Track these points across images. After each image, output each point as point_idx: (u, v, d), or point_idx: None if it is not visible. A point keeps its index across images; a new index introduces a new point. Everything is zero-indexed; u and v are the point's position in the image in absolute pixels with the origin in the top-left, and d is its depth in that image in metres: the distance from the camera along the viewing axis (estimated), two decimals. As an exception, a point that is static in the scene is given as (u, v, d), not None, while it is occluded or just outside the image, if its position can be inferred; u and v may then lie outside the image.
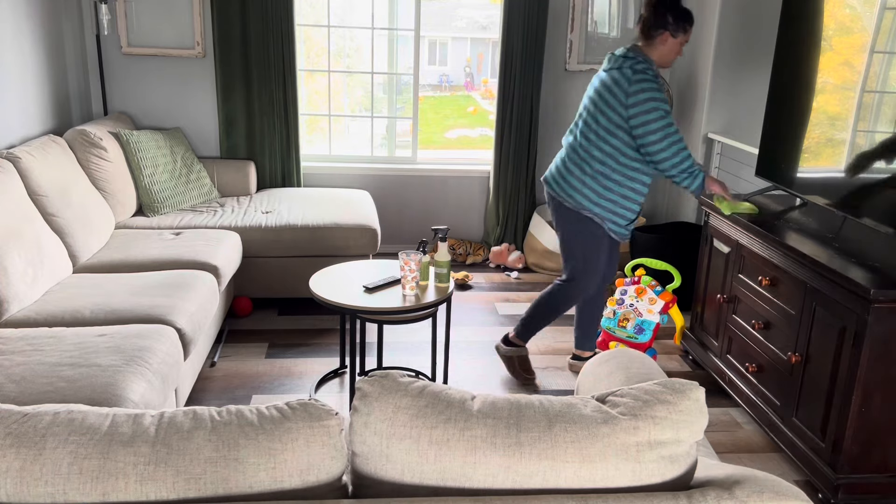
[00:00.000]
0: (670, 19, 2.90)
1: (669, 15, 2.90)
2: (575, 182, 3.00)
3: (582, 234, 3.08)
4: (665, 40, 2.93)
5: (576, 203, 3.01)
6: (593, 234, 3.07)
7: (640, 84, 2.82)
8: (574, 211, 3.04)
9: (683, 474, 1.22)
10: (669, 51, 2.95)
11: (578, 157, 3.00)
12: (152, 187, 3.97)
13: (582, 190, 2.99)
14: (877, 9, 2.57)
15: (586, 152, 2.97)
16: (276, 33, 4.37)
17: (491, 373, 3.40)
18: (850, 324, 2.34)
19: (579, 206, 3.01)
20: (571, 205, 3.02)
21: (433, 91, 14.07)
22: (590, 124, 2.95)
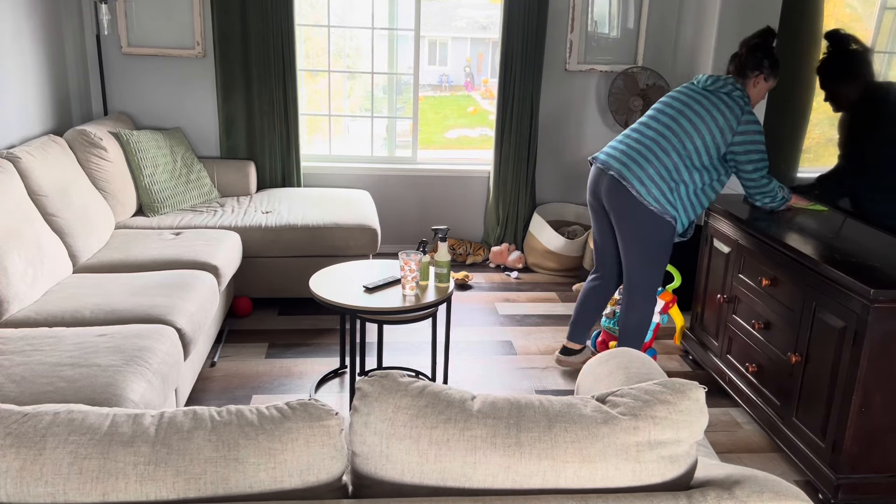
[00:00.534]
0: (766, 64, 2.94)
1: (767, 60, 2.94)
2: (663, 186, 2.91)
3: (663, 241, 2.99)
4: (758, 82, 2.97)
5: (661, 207, 2.90)
6: (669, 241, 3.01)
7: (751, 115, 2.88)
8: (658, 216, 2.92)
9: (683, 474, 1.22)
10: (760, 93, 2.99)
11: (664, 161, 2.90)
12: (152, 187, 3.97)
13: (667, 195, 2.92)
14: (877, 9, 2.56)
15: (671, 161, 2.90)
16: (276, 33, 4.37)
17: (491, 373, 3.40)
18: (850, 324, 2.34)
19: (664, 211, 2.91)
20: (657, 209, 2.90)
21: (433, 91, 14.07)
22: (679, 135, 2.90)
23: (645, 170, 2.91)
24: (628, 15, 4.74)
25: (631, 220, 2.96)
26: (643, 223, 2.94)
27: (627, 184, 2.91)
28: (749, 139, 2.86)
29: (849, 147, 2.73)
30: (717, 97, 2.90)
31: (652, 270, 3.04)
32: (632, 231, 2.98)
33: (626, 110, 4.64)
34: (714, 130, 2.86)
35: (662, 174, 2.89)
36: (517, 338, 3.77)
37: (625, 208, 2.96)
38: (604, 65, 4.79)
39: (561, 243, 4.58)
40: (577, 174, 5.03)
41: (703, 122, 2.88)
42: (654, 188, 2.90)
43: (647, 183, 2.90)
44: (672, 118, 2.94)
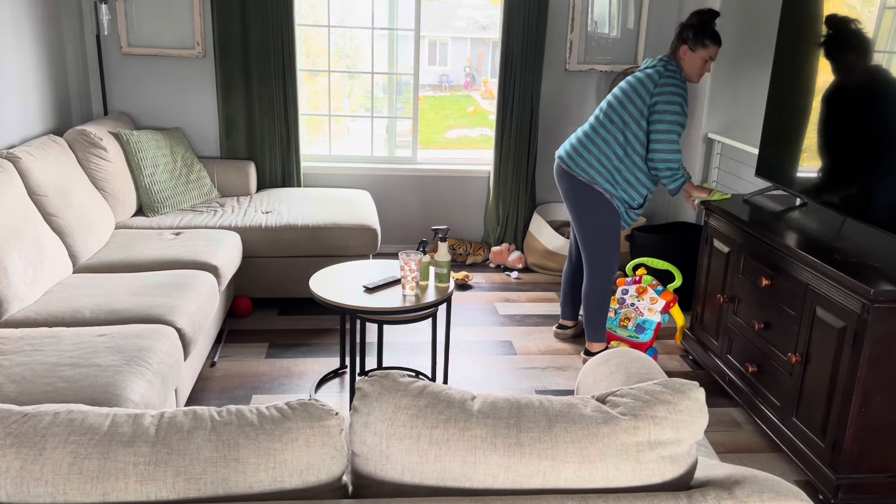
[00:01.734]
0: (689, 35, 3.18)
1: (690, 31, 3.18)
2: (591, 159, 3.23)
3: (599, 214, 3.27)
4: (685, 54, 3.20)
5: (589, 177, 3.22)
6: (609, 214, 3.27)
7: (670, 79, 3.12)
8: (588, 186, 3.24)
9: (683, 474, 1.22)
10: (690, 65, 3.21)
11: (597, 139, 3.23)
12: (152, 187, 3.97)
13: (596, 167, 3.22)
14: (877, 9, 2.57)
15: (605, 136, 3.22)
16: (276, 33, 4.37)
17: (491, 373, 3.40)
18: (850, 324, 2.34)
19: (592, 181, 3.22)
20: (585, 179, 3.23)
21: (433, 91, 14.07)
22: (615, 109, 3.21)
23: (577, 149, 3.29)
24: (628, 15, 4.74)
25: (571, 195, 3.32)
26: (579, 196, 3.29)
27: (562, 162, 3.33)
28: (662, 100, 3.10)
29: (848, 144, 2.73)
30: (642, 72, 3.22)
31: (598, 242, 3.31)
32: (573, 206, 3.33)
33: (626, 110, 4.64)
34: (636, 99, 3.15)
35: (591, 149, 3.24)
36: (517, 338, 3.77)
37: (565, 186, 3.34)
38: (604, 65, 4.79)
39: (561, 243, 4.58)
40: (577, 174, 5.02)
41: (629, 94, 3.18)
42: (582, 161, 3.25)
43: (576, 158, 3.26)
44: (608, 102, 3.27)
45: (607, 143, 3.21)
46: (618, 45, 4.79)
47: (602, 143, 3.22)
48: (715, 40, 3.20)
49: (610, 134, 3.21)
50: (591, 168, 3.23)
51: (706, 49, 3.19)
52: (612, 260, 3.34)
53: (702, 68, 3.23)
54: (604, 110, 3.27)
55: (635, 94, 3.18)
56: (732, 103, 4.32)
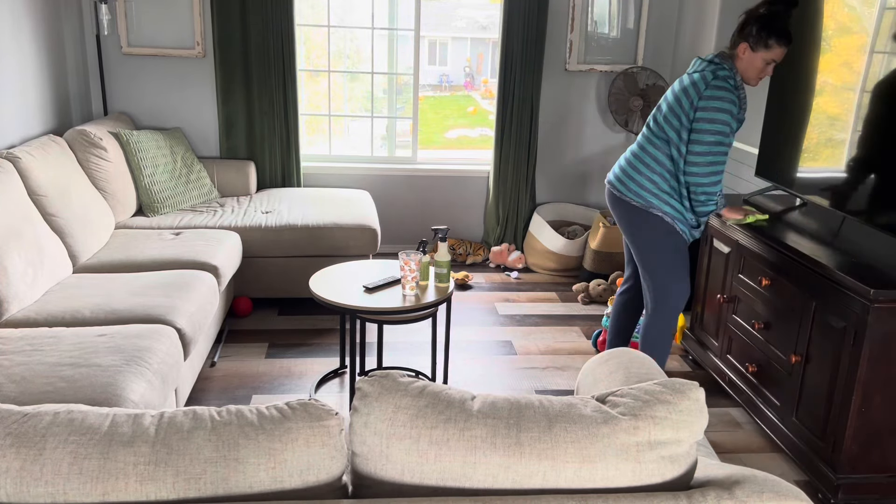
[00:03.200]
0: (753, 31, 2.68)
1: (754, 26, 2.68)
2: (643, 180, 2.82)
3: (661, 241, 2.84)
4: (743, 52, 2.72)
5: (644, 202, 2.81)
6: (672, 239, 2.84)
7: (717, 91, 2.65)
8: (644, 211, 2.83)
9: (683, 474, 1.22)
10: (748, 65, 2.73)
11: (646, 157, 2.83)
12: (152, 187, 3.97)
13: (650, 188, 2.81)
14: (877, 9, 2.57)
15: (654, 153, 2.81)
16: (276, 33, 4.37)
17: (491, 373, 3.40)
18: (850, 324, 2.34)
19: (648, 205, 2.81)
20: (640, 203, 2.82)
21: (433, 91, 14.07)
22: (661, 124, 2.79)
23: (626, 171, 2.87)
24: (628, 15, 4.74)
25: (626, 223, 2.90)
26: (636, 224, 2.86)
27: (612, 187, 2.92)
28: (705, 116, 2.65)
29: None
30: (689, 78, 2.75)
31: (664, 275, 2.86)
32: (632, 236, 2.90)
33: (625, 110, 4.64)
34: (680, 112, 2.72)
35: (642, 170, 2.82)
36: (517, 338, 3.77)
37: (619, 214, 2.92)
38: (604, 65, 4.79)
39: (561, 243, 4.58)
40: (577, 174, 5.03)
41: (674, 106, 2.75)
42: (633, 184, 2.83)
43: (626, 181, 2.86)
44: (653, 114, 2.86)
45: (657, 161, 2.79)
46: (618, 45, 4.79)
47: (652, 161, 2.80)
48: (783, 39, 2.67)
49: (659, 151, 2.79)
50: (644, 191, 2.81)
51: (769, 50, 2.68)
52: (680, 293, 2.89)
53: (762, 71, 2.74)
54: (649, 124, 2.86)
55: (678, 105, 2.73)
56: (732, 103, 4.32)
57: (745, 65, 2.73)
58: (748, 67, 2.73)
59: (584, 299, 4.29)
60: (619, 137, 4.97)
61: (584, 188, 5.06)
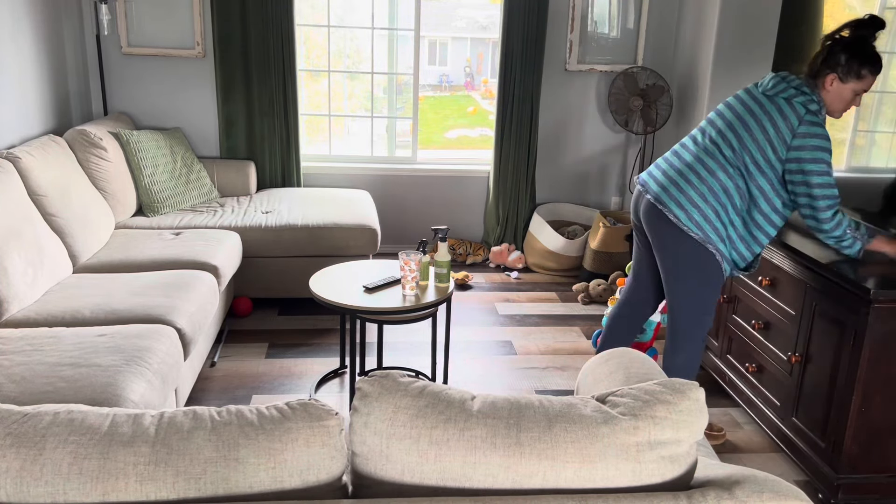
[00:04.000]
0: (842, 60, 2.37)
1: (843, 55, 2.37)
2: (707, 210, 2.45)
3: (705, 279, 2.53)
4: (830, 83, 2.41)
5: (703, 235, 2.46)
6: (717, 278, 2.53)
7: (812, 128, 2.35)
8: (700, 245, 2.48)
9: (683, 474, 1.22)
10: (836, 97, 2.42)
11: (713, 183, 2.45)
12: (152, 187, 3.97)
13: (713, 220, 2.46)
14: (877, 9, 2.56)
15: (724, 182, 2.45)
16: (276, 33, 4.37)
17: (491, 373, 3.40)
18: (850, 324, 2.34)
19: (706, 239, 2.46)
20: (699, 237, 2.46)
21: (433, 91, 14.07)
22: (735, 149, 2.44)
23: (685, 192, 2.48)
24: (628, 15, 4.74)
25: (670, 250, 2.55)
26: (683, 254, 2.52)
27: (664, 208, 2.50)
28: (805, 156, 2.35)
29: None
30: (774, 103, 2.41)
31: (696, 309, 2.59)
32: (672, 263, 2.57)
33: (625, 110, 4.64)
34: (765, 144, 2.39)
35: (707, 197, 2.45)
36: (517, 338, 3.77)
37: (663, 237, 2.55)
38: (604, 65, 4.79)
39: (561, 243, 4.58)
40: (577, 174, 5.03)
41: (756, 133, 2.41)
42: (695, 213, 2.45)
43: (686, 206, 2.46)
44: (721, 131, 2.49)
45: (727, 192, 2.44)
46: (618, 45, 4.79)
47: (721, 191, 2.44)
48: (876, 67, 2.37)
49: (731, 180, 2.44)
50: (707, 223, 2.45)
51: (861, 81, 2.38)
52: (706, 329, 2.63)
53: (850, 102, 2.43)
54: (718, 143, 2.47)
55: (762, 133, 2.39)
56: (732, 103, 4.32)
57: (832, 97, 2.43)
58: (835, 99, 2.43)
59: (584, 299, 4.29)
60: (619, 137, 4.97)
61: (584, 188, 5.06)
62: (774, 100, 2.42)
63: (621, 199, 5.10)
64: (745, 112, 2.45)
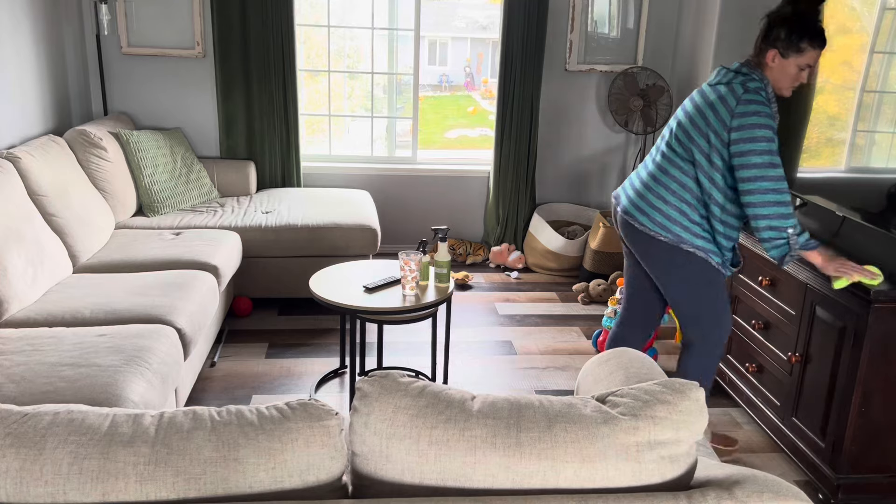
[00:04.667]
0: (781, 35, 2.33)
1: (782, 29, 2.33)
2: (669, 210, 2.45)
3: (695, 277, 2.47)
4: (772, 59, 2.37)
5: (673, 236, 2.44)
6: (708, 273, 2.47)
7: (750, 105, 2.29)
8: (673, 247, 2.45)
9: (683, 474, 1.22)
10: (781, 74, 2.38)
11: (670, 182, 2.45)
12: (152, 187, 3.97)
13: (678, 220, 2.44)
14: (877, 9, 2.57)
15: (681, 178, 2.44)
16: (276, 33, 4.37)
17: (491, 373, 3.40)
18: (850, 324, 2.34)
19: (678, 240, 2.44)
20: (669, 238, 2.44)
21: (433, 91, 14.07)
22: (684, 143, 2.43)
23: (645, 197, 2.49)
24: (628, 15, 4.74)
25: (651, 258, 2.52)
26: (661, 259, 2.49)
27: (630, 218, 2.51)
28: (744, 136, 2.29)
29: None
30: (715, 91, 2.39)
31: (701, 311, 2.51)
32: (657, 272, 2.53)
33: (625, 110, 4.64)
34: (708, 131, 2.37)
35: (666, 197, 2.44)
36: (517, 338, 3.77)
37: (641, 247, 2.53)
38: (604, 65, 4.79)
39: (561, 243, 4.58)
40: (577, 174, 5.03)
41: (699, 124, 2.39)
42: (657, 215, 2.45)
43: (647, 210, 2.47)
44: (673, 131, 2.49)
45: (684, 186, 2.42)
46: (618, 45, 4.79)
47: (678, 186, 2.43)
48: (816, 41, 2.32)
49: (685, 174, 2.42)
50: (672, 223, 2.44)
51: (802, 55, 2.34)
52: (723, 328, 2.54)
53: (796, 78, 2.39)
54: (670, 143, 2.48)
55: (703, 121, 2.37)
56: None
57: (776, 74, 2.39)
58: (780, 76, 2.39)
59: (584, 299, 4.29)
60: (619, 137, 4.97)
61: (584, 188, 5.06)
62: (716, 87, 2.40)
63: (621, 199, 5.10)
64: (692, 108, 2.44)
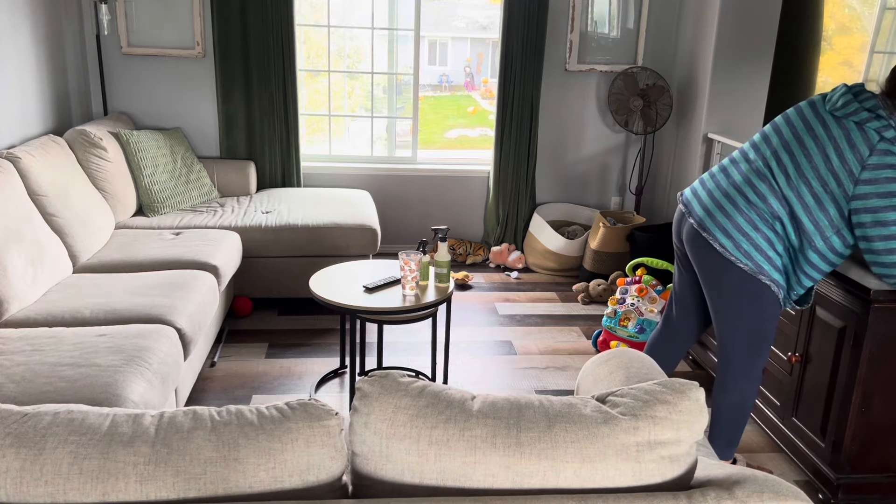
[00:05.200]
0: None
1: None
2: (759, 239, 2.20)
3: (759, 312, 2.28)
4: None
5: (755, 266, 2.21)
6: (773, 310, 2.29)
7: (885, 157, 2.02)
8: (751, 277, 2.23)
9: (683, 474, 1.22)
10: None
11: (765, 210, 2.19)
12: (152, 187, 3.97)
13: (765, 250, 2.20)
14: (877, 9, 2.57)
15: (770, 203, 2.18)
16: (276, 33, 4.37)
17: (491, 373, 3.40)
18: (850, 324, 2.34)
19: (759, 271, 2.21)
20: (749, 268, 2.21)
21: (433, 91, 14.07)
22: (786, 169, 2.16)
23: (732, 218, 2.23)
24: (628, 15, 4.74)
25: (717, 281, 2.31)
26: (732, 286, 2.27)
27: (709, 235, 2.26)
28: (875, 191, 2.03)
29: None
30: (841, 127, 2.09)
31: (750, 345, 2.34)
32: (720, 295, 2.32)
33: (626, 110, 4.64)
34: (827, 175, 2.10)
35: (758, 224, 2.19)
36: (517, 338, 3.77)
37: (709, 266, 2.31)
38: (604, 65, 4.79)
39: (561, 243, 4.58)
40: (577, 174, 5.03)
41: (816, 160, 2.12)
42: (744, 241, 2.20)
43: (734, 235, 2.22)
44: (776, 151, 2.20)
45: (775, 215, 2.19)
46: (618, 45, 4.79)
47: (772, 218, 2.19)
48: None
49: (785, 208, 2.18)
50: (758, 252, 2.20)
51: None
52: (761, 366, 2.38)
53: None
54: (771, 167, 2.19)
55: (826, 165, 2.09)
56: (732, 103, 4.32)
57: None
58: None
59: (584, 299, 4.29)
60: (619, 137, 4.97)
61: (584, 188, 5.06)
62: (843, 122, 2.09)
63: (621, 199, 5.10)
64: (805, 132, 2.15)
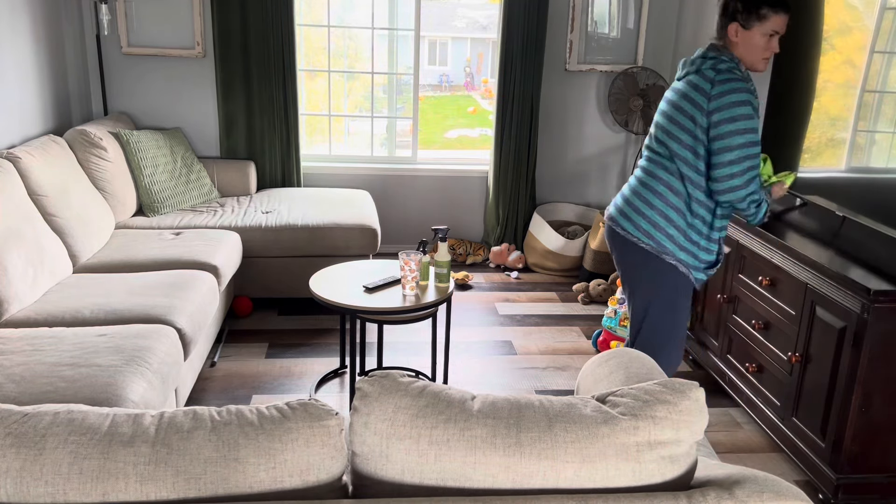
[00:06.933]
0: (739, 6, 2.22)
1: (738, 1, 2.23)
2: (655, 216, 2.33)
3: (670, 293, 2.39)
4: (735, 34, 2.25)
5: (656, 245, 2.34)
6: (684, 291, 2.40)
7: (725, 84, 2.18)
8: (654, 256, 2.35)
9: (683, 474, 1.22)
10: (748, 48, 2.25)
11: (658, 186, 2.34)
12: (152, 187, 3.97)
13: (664, 227, 2.33)
14: (877, 9, 2.57)
15: (666, 179, 2.32)
16: (275, 33, 4.37)
17: (491, 373, 3.40)
18: (850, 324, 2.34)
19: (660, 250, 2.34)
20: (650, 247, 2.34)
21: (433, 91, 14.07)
22: (666, 143, 2.31)
23: (631, 202, 2.38)
24: (628, 15, 4.74)
25: (624, 263, 2.45)
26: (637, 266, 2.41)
27: (614, 224, 2.43)
28: (725, 116, 2.17)
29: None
30: (686, 83, 2.28)
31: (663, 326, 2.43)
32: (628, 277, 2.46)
33: (625, 110, 4.64)
34: (686, 122, 2.25)
35: (652, 201, 2.34)
36: (517, 338, 3.77)
37: (617, 252, 2.47)
38: (604, 65, 4.79)
39: (561, 243, 4.58)
40: (577, 174, 5.03)
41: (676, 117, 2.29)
42: (642, 221, 2.35)
43: (632, 216, 2.38)
44: (652, 133, 2.40)
45: (672, 189, 2.31)
46: (618, 45, 4.79)
47: (666, 189, 2.31)
48: (776, 4, 2.20)
49: (673, 175, 2.30)
50: (656, 230, 2.33)
51: (764, 22, 2.20)
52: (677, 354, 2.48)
53: (765, 48, 2.24)
54: (652, 147, 2.37)
55: (682, 115, 2.26)
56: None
57: (743, 48, 2.26)
58: (748, 50, 2.26)
59: (584, 299, 4.29)
60: (619, 137, 4.97)
61: (584, 188, 5.06)
62: (686, 79, 2.30)
63: (621, 199, 5.10)
64: (668, 106, 2.33)
